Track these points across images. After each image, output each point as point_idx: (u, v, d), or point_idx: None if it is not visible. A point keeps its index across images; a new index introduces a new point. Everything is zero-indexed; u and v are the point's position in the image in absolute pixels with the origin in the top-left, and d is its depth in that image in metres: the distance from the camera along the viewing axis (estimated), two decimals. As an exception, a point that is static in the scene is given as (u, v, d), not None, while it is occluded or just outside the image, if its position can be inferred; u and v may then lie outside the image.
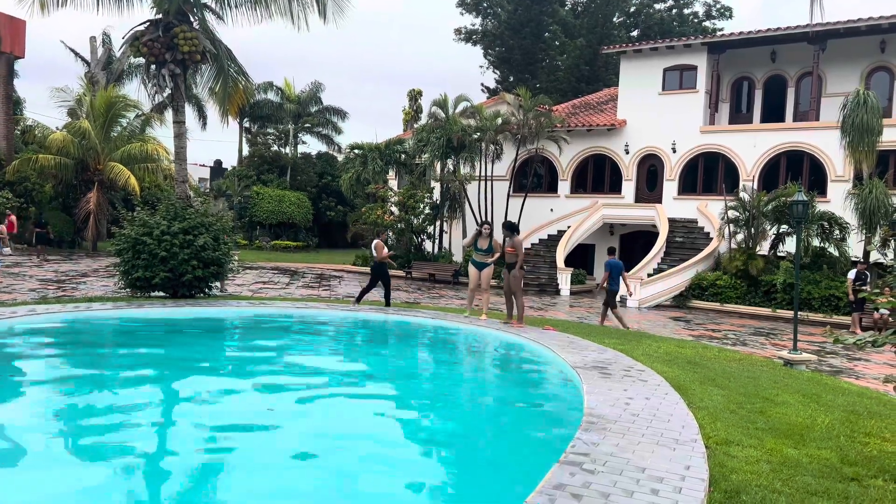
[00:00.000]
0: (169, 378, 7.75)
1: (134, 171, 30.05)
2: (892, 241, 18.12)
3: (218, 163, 55.47)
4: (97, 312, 10.89)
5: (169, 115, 23.41)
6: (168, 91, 16.32)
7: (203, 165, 55.38)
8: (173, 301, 12.42)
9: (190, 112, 38.82)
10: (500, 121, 25.92)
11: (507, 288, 11.99)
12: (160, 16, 15.95)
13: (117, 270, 13.42)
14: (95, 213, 29.54)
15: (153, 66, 16.14)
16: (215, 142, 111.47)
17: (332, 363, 9.23)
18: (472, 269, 12.45)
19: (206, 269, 13.05)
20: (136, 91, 54.91)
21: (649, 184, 26.46)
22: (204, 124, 41.80)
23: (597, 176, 27.76)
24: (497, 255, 12.31)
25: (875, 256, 18.91)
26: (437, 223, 28.07)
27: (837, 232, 19.46)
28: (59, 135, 30.25)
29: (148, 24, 15.97)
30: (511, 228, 12.09)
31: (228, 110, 18.22)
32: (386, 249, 13.82)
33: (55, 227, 30.63)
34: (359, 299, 13.95)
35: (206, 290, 13.63)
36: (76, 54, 39.11)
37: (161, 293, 13.07)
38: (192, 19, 16.30)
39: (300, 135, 47.16)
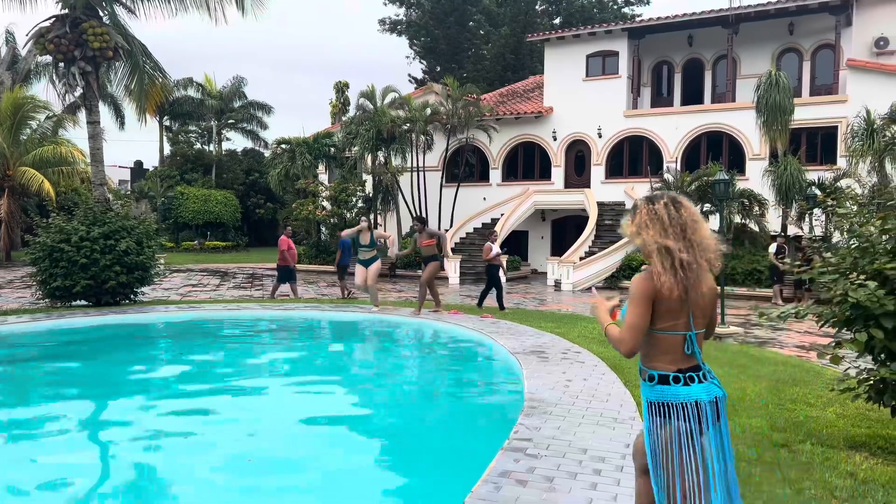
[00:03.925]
0: (97, 390, 7.40)
1: (48, 176, 28.52)
2: (808, 215, 19.00)
3: (139, 164, 53.42)
4: (13, 326, 10.31)
5: (83, 115, 22.33)
6: (79, 90, 15.53)
7: (123, 167, 53.19)
8: (97, 309, 11.89)
9: (106, 112, 37.24)
10: (429, 111, 25.82)
11: (423, 279, 12.10)
12: (66, 11, 15.15)
13: (34, 281, 12.75)
14: (7, 222, 28.01)
15: (62, 65, 15.33)
16: (135, 142, 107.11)
17: (269, 363, 9.02)
18: (359, 268, 12.39)
19: (130, 274, 12.55)
20: (45, 91, 52.27)
21: (577, 169, 26.92)
22: (122, 124, 40.06)
23: (527, 163, 28.05)
24: (392, 248, 13.14)
25: (793, 230, 19.80)
26: (371, 216, 27.82)
27: (757, 208, 20.28)
28: (-37, 140, 28.44)
29: (54, 19, 15.16)
30: (421, 221, 12.55)
31: (146, 108, 17.50)
32: (495, 249, 13.14)
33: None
34: (480, 303, 13.57)
35: (132, 296, 13.13)
36: (-23, 54, 36.86)
37: (83, 302, 12.50)
38: (101, 14, 15.55)
39: (224, 131, 45.88)
